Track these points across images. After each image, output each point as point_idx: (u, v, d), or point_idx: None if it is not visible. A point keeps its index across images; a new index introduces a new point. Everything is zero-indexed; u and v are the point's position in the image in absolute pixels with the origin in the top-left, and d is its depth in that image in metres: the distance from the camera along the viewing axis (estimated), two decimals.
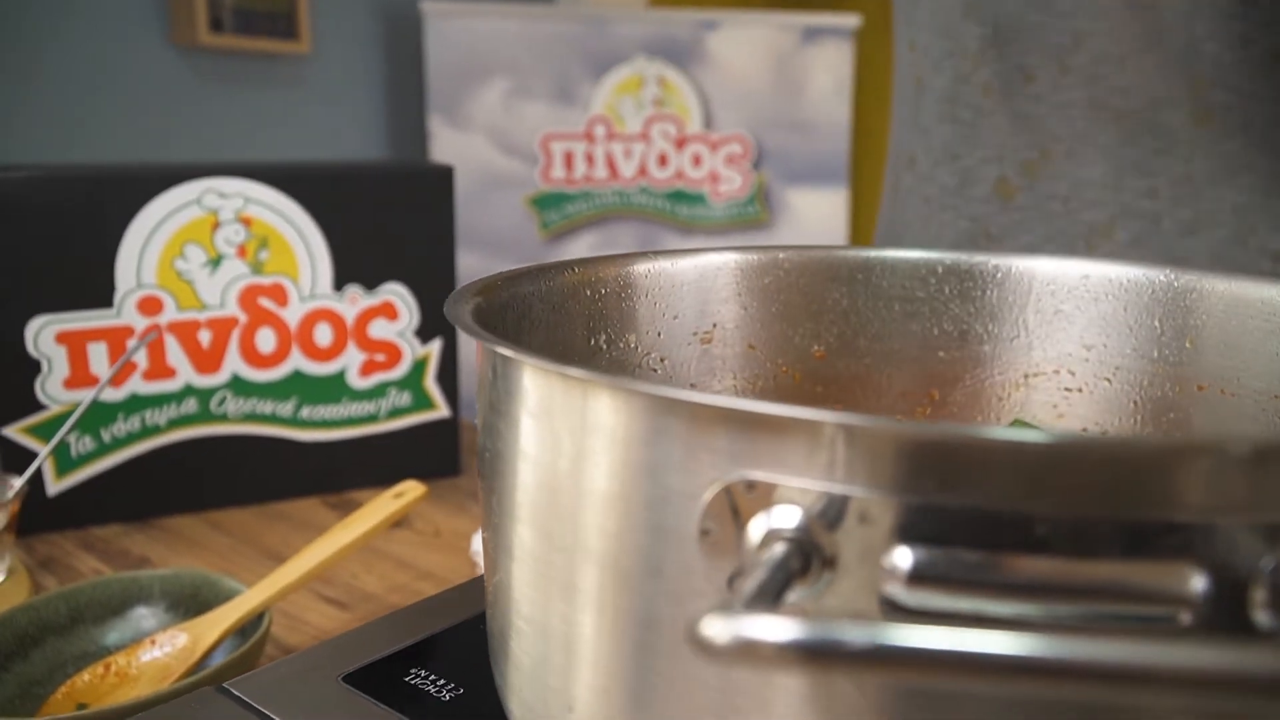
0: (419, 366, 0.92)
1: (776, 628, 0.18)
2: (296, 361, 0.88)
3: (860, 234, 2.45)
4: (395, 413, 0.93)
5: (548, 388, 0.28)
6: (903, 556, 0.23)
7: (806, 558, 0.23)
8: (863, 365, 0.54)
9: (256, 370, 0.87)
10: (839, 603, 0.23)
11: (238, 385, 0.87)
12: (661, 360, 0.51)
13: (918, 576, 0.23)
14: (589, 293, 0.47)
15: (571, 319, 0.46)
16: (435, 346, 0.93)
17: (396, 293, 0.90)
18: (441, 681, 0.41)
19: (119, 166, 0.85)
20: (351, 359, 0.90)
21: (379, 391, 0.92)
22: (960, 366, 0.53)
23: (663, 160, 1.90)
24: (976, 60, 0.75)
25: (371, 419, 0.92)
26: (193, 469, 0.86)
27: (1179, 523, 0.22)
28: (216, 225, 0.84)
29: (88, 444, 0.83)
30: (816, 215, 2.00)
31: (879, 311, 0.53)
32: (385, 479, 0.90)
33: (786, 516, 0.24)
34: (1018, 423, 0.52)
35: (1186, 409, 0.48)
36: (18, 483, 0.75)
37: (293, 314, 0.87)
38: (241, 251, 0.85)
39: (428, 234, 0.91)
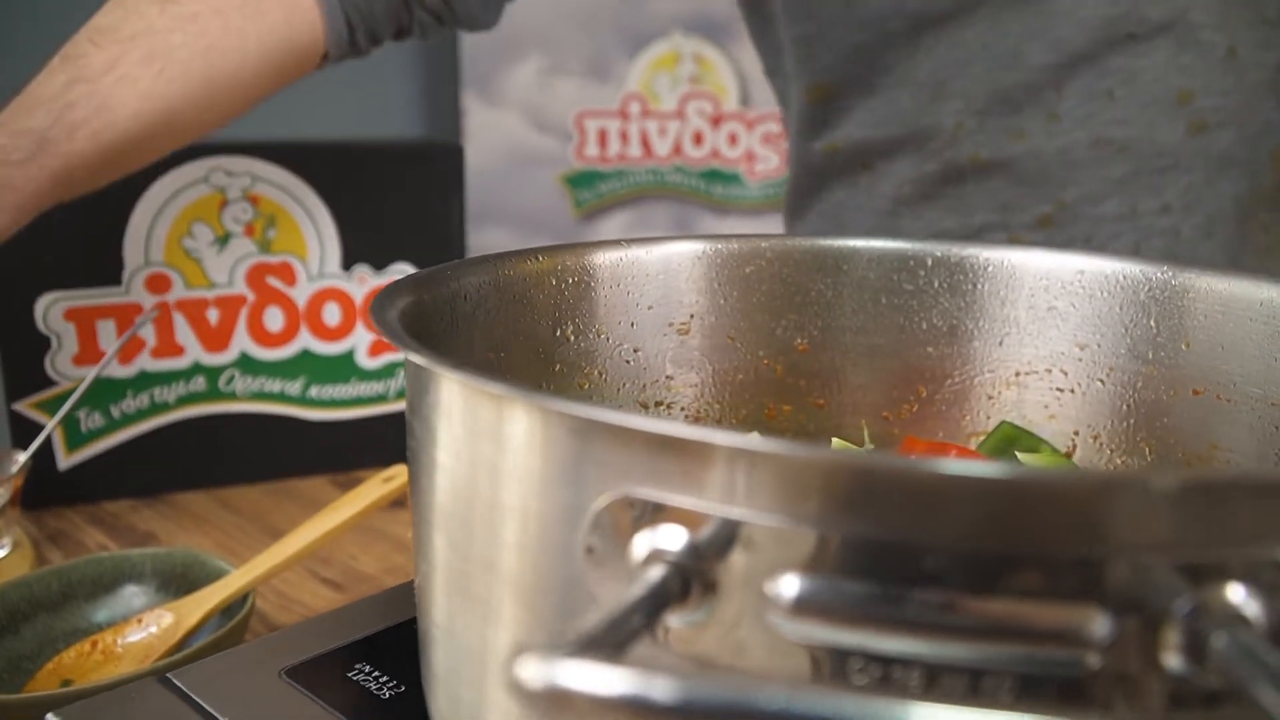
0: None
1: (592, 678, 0.17)
2: (305, 341, 0.88)
3: None
4: (404, 393, 0.92)
5: (449, 393, 0.27)
6: (787, 585, 0.21)
7: (687, 581, 0.22)
8: (848, 359, 0.52)
9: (265, 349, 0.87)
10: (719, 631, 0.22)
11: (246, 364, 0.87)
12: (635, 351, 0.50)
13: (801, 606, 0.21)
14: (554, 282, 0.45)
15: (535, 309, 0.45)
16: None
17: (405, 273, 0.90)
18: (384, 678, 0.40)
19: None
20: (360, 339, 0.90)
21: (388, 371, 0.91)
22: (949, 363, 0.51)
23: (698, 139, 1.88)
24: (953, 136, 0.73)
25: (380, 399, 0.92)
26: (201, 446, 0.87)
27: (1088, 560, 0.21)
28: (224, 203, 0.84)
29: (97, 420, 0.83)
30: None
31: (864, 304, 0.52)
32: (393, 459, 0.89)
33: (670, 537, 0.22)
34: (1005, 426, 0.50)
35: (1180, 414, 0.45)
36: (21, 457, 0.76)
37: (301, 293, 0.87)
38: (249, 230, 0.85)
39: (437, 213, 0.90)
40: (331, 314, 0.88)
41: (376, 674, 0.40)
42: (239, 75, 0.65)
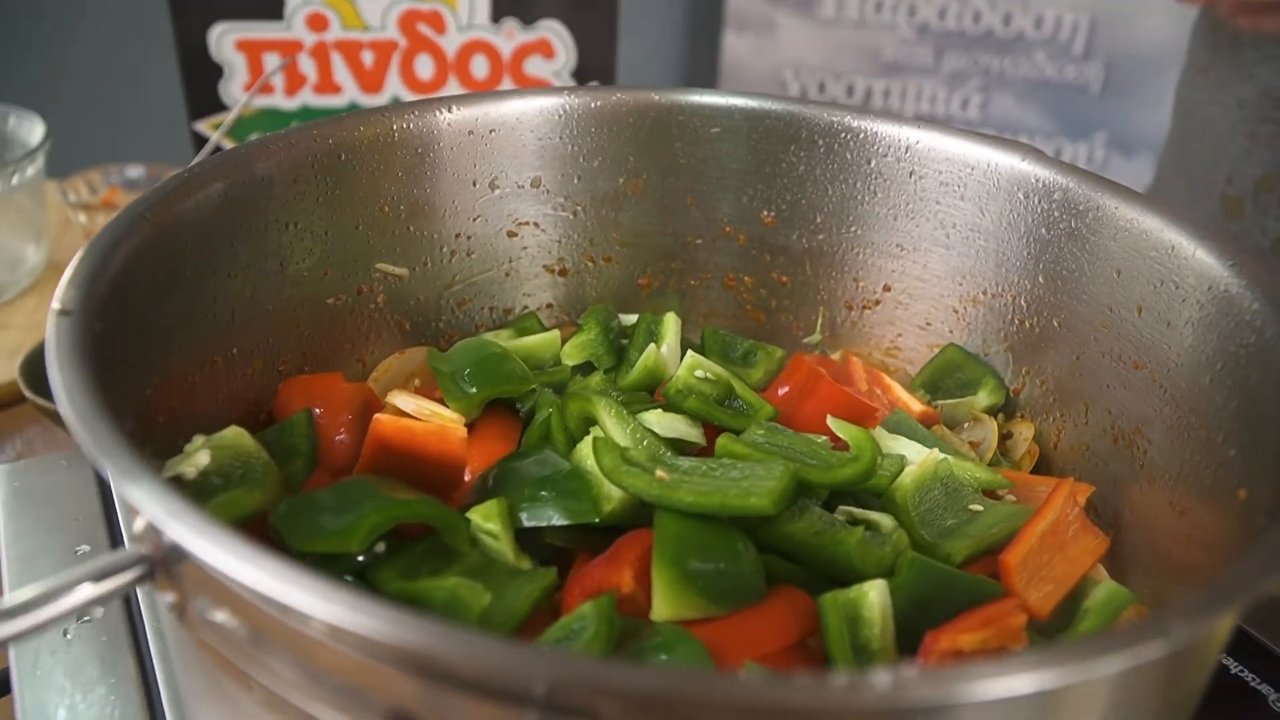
0: None
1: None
2: (453, 90, 0.90)
3: None
4: None
5: None
6: (204, 606, 0.23)
7: (152, 568, 0.24)
8: (815, 241, 0.47)
9: (416, 95, 0.90)
10: (187, 615, 0.24)
11: None
12: (577, 206, 0.48)
13: (209, 626, 0.23)
14: (470, 133, 0.44)
15: (457, 159, 0.44)
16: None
17: (554, 30, 0.88)
18: None
19: None
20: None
21: None
22: (918, 265, 0.45)
23: None
24: None
25: None
26: None
27: None
28: None
29: None
30: None
31: (838, 186, 0.46)
32: None
33: (151, 531, 0.24)
34: (952, 349, 0.44)
35: (1121, 383, 0.38)
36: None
37: (450, 43, 0.88)
38: None
39: None
40: (480, 67, 0.89)
41: None
42: None
